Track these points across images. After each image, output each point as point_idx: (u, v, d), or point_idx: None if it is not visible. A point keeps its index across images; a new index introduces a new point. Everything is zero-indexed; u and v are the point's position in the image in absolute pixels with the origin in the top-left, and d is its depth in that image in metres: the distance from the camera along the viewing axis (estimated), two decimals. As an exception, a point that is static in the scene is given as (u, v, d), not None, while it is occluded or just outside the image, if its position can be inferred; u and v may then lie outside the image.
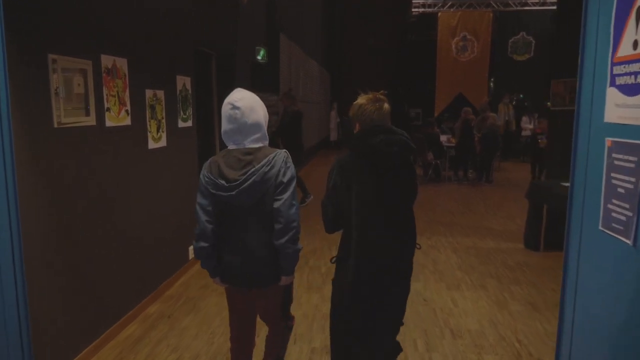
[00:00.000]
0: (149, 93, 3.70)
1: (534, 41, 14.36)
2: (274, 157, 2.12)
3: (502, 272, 4.63)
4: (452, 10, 14.54)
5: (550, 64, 5.54)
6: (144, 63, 3.64)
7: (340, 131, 16.73)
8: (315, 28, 13.62)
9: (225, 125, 2.14)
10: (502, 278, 4.47)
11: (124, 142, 3.38)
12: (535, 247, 5.29)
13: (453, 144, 10.28)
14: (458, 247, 5.41)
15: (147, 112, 3.70)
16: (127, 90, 3.38)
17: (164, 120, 3.97)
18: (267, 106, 2.39)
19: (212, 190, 2.11)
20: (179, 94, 4.29)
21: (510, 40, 14.50)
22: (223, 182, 2.08)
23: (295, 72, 9.69)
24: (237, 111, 2.10)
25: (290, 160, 2.19)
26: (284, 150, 2.21)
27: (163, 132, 3.97)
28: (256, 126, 2.14)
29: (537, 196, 5.23)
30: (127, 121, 3.40)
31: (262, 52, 7.17)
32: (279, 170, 2.12)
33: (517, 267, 4.76)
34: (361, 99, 2.33)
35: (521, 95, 15.27)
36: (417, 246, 2.41)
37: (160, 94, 3.90)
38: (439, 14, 14.61)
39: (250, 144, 2.14)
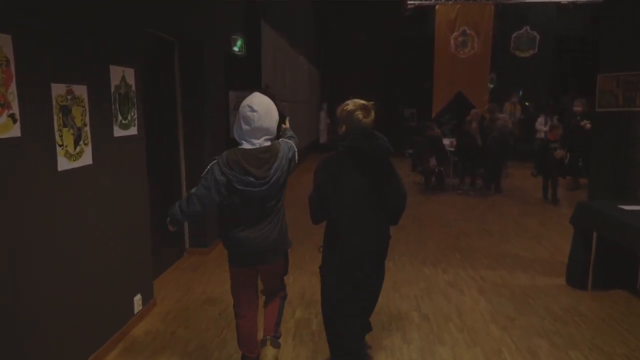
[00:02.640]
0: (57, 89, 2.51)
1: (538, 36, 13.37)
2: (282, 153, 2.45)
3: (551, 326, 3.51)
4: (450, 2, 13.46)
5: (599, 56, 4.41)
6: (48, 43, 2.45)
7: (331, 133, 15.58)
8: (303, 21, 12.45)
9: (241, 125, 2.40)
10: (553, 336, 3.35)
11: (8, 164, 2.19)
12: (582, 284, 4.19)
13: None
14: (485, 286, 4.28)
15: (56, 116, 2.50)
16: (13, 84, 2.19)
17: (87, 128, 2.78)
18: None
19: (239, 186, 2.36)
20: (115, 90, 3.10)
21: (513, 35, 13.50)
22: (252, 179, 2.35)
23: (281, 68, 8.51)
24: (255, 114, 2.38)
25: (291, 146, 2.57)
26: (280, 139, 2.55)
27: (86, 144, 2.78)
28: (270, 129, 2.45)
29: (586, 221, 4.13)
30: (14, 132, 2.21)
31: (239, 43, 5.99)
32: (288, 159, 2.50)
33: (567, 317, 3.65)
34: (351, 105, 2.61)
35: (520, 92, 14.26)
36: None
37: (81, 90, 2.71)
38: (437, 6, 13.51)
39: (263, 143, 2.43)
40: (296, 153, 2.59)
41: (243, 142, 2.43)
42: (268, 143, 2.45)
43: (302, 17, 12.12)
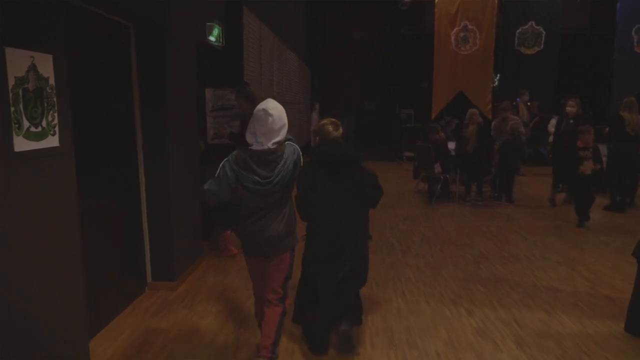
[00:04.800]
0: None
1: (544, 32, 12.54)
2: (288, 153, 2.68)
3: (626, 402, 2.61)
4: (450, -5, 12.58)
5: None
6: None
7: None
8: (293, 14, 11.49)
9: (255, 127, 2.63)
10: (635, 422, 2.45)
11: None
12: (647, 333, 3.31)
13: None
14: (523, 335, 3.37)
15: None
16: None
17: (-42, 142, 1.82)
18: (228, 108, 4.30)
19: (246, 184, 2.60)
20: (17, 85, 2.14)
21: (517, 31, 12.65)
22: (257, 178, 2.59)
23: (268, 64, 7.55)
24: (269, 117, 2.60)
25: (295, 148, 2.77)
26: (288, 142, 2.74)
27: (-44, 167, 1.81)
28: (281, 132, 2.66)
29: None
30: None
31: (216, 31, 5.03)
32: (293, 160, 2.70)
33: (642, 387, 2.75)
34: (325, 121, 3.22)
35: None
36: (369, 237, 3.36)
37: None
38: (436, 0, 12.65)
39: (272, 145, 2.63)
40: (301, 156, 2.77)
41: (254, 143, 2.64)
42: (275, 146, 2.63)
43: (291, 10, 11.16)
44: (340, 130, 3.18)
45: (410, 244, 5.56)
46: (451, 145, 8.60)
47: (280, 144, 2.66)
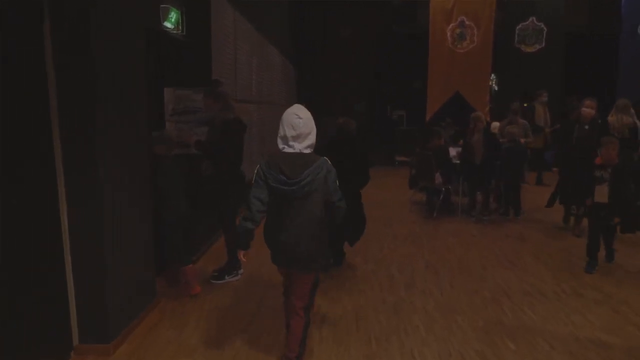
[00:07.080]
0: None
1: (545, 29, 11.75)
2: (320, 164, 2.68)
3: None
4: (446, -11, 11.73)
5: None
6: None
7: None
8: (277, 9, 10.50)
9: (286, 131, 2.66)
10: None
11: None
12: None
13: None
14: None
15: None
16: None
17: None
18: (192, 112, 4.35)
19: (273, 184, 2.64)
20: None
21: (517, 28, 11.84)
22: (284, 177, 2.62)
23: (245, 59, 6.57)
24: (300, 120, 2.65)
25: (330, 165, 2.73)
26: (325, 157, 2.73)
27: None
28: (310, 135, 2.70)
29: None
30: None
31: (173, 16, 4.06)
32: (325, 175, 2.67)
33: None
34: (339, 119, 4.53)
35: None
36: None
37: None
38: (431, -6, 11.78)
39: (303, 149, 2.68)
40: (336, 181, 2.72)
41: (285, 146, 2.68)
42: (308, 151, 2.69)
43: (275, 3, 10.18)
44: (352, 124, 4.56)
45: (414, 274, 4.63)
46: (451, 151, 7.71)
47: (311, 147, 2.70)
